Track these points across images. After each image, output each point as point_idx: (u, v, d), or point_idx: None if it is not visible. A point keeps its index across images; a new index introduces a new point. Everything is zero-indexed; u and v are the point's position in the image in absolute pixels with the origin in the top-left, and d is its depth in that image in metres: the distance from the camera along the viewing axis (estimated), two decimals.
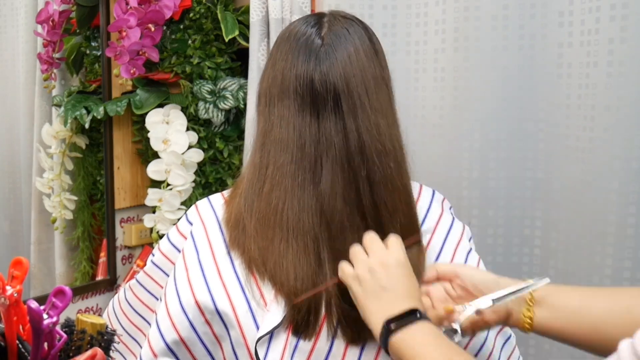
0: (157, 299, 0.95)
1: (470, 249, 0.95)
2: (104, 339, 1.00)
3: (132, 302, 0.99)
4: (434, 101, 1.40)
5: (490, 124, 1.36)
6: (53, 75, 1.59)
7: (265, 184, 0.85)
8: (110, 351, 0.88)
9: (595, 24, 1.20)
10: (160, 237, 1.62)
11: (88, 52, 1.65)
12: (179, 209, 1.59)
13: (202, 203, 0.94)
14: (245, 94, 1.59)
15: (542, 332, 0.80)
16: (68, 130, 1.60)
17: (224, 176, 1.67)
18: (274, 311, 0.82)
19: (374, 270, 0.77)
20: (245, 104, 1.59)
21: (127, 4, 1.50)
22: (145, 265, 1.67)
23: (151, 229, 1.63)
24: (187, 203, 1.63)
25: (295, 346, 0.82)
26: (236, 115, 1.67)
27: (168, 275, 0.92)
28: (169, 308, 0.86)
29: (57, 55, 1.58)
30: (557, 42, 1.27)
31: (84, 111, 1.55)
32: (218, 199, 0.93)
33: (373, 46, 0.88)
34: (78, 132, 1.63)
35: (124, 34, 1.49)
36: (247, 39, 1.59)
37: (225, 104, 1.60)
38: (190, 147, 1.59)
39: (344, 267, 0.79)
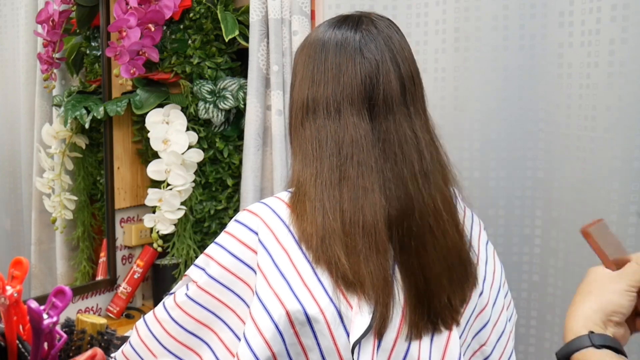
0: (215, 316, 0.86)
1: (487, 240, 0.99)
2: (104, 339, 1.00)
3: (182, 321, 0.87)
4: (434, 101, 1.39)
5: (490, 124, 1.36)
6: (53, 75, 1.59)
7: (345, 190, 0.84)
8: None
9: (596, 24, 1.20)
10: (161, 237, 1.62)
11: (88, 52, 1.65)
12: (179, 209, 1.59)
13: (262, 209, 0.87)
14: (245, 94, 1.59)
15: None
16: (68, 130, 1.60)
17: (224, 176, 1.67)
18: (362, 313, 0.81)
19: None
20: (245, 104, 1.59)
21: (127, 4, 1.49)
22: (144, 266, 1.68)
23: (151, 229, 1.63)
24: (187, 203, 1.63)
25: (379, 346, 0.82)
26: (236, 115, 1.67)
27: (229, 289, 0.85)
28: (258, 324, 0.80)
29: (57, 55, 1.58)
30: (557, 42, 1.27)
31: (84, 111, 1.55)
32: (278, 203, 0.87)
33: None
34: (78, 132, 1.63)
35: (124, 34, 1.49)
36: (247, 39, 1.59)
37: (225, 104, 1.60)
38: (190, 147, 1.59)
39: None
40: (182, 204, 1.60)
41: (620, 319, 0.72)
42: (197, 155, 1.61)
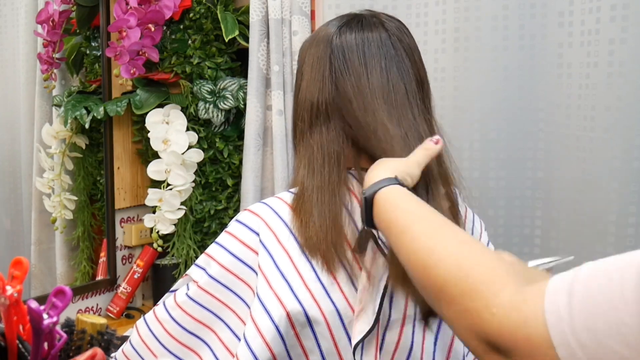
0: (216, 316, 0.86)
1: (488, 240, 1.00)
2: (104, 339, 1.00)
3: (182, 321, 0.86)
4: (434, 101, 1.40)
5: (490, 124, 1.36)
6: (53, 75, 1.59)
7: (352, 197, 0.85)
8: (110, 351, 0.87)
9: (596, 24, 1.20)
10: (161, 237, 1.62)
11: (88, 52, 1.65)
12: (179, 209, 1.59)
13: (263, 209, 0.86)
14: (245, 94, 1.59)
15: None
16: (68, 130, 1.60)
17: (224, 176, 1.67)
18: (365, 314, 0.81)
19: None
20: (245, 104, 1.59)
21: (127, 4, 1.50)
22: (144, 266, 1.68)
23: (151, 229, 1.63)
24: (187, 203, 1.63)
25: (382, 347, 0.82)
26: (236, 115, 1.67)
27: (229, 289, 0.85)
28: (258, 325, 0.80)
29: (57, 55, 1.58)
30: (557, 42, 1.27)
31: (84, 111, 1.55)
32: (280, 204, 0.87)
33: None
34: (78, 132, 1.63)
35: (124, 34, 1.49)
36: (247, 39, 1.59)
37: (225, 104, 1.60)
38: (190, 147, 1.59)
39: None
40: (182, 204, 1.60)
41: (411, 183, 0.78)
42: (197, 155, 1.61)
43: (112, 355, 0.94)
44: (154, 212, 1.60)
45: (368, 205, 0.74)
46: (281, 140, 1.55)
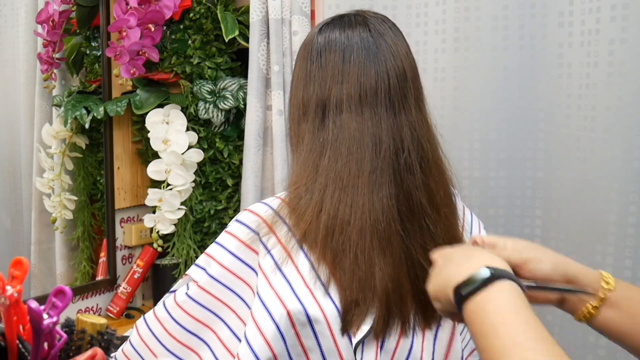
0: (215, 315, 0.86)
1: None
2: (104, 338, 1.00)
3: (182, 320, 0.87)
4: (434, 101, 1.40)
5: (490, 124, 1.36)
6: (53, 75, 1.59)
7: (345, 191, 0.83)
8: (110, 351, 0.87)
9: (596, 24, 1.20)
10: (161, 237, 1.62)
11: (88, 52, 1.65)
12: (179, 209, 1.59)
13: (262, 209, 0.87)
14: (245, 94, 1.59)
15: (597, 327, 0.77)
16: (68, 130, 1.60)
17: (224, 176, 1.67)
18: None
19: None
20: (245, 104, 1.59)
21: (127, 4, 1.50)
22: (144, 266, 1.68)
23: (151, 229, 1.63)
24: (187, 203, 1.63)
25: (382, 346, 0.82)
26: (236, 115, 1.67)
27: (229, 289, 0.85)
28: (259, 324, 0.81)
29: (57, 55, 1.58)
30: (557, 42, 1.27)
31: (84, 111, 1.55)
32: (279, 204, 0.87)
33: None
34: (78, 132, 1.63)
35: (124, 34, 1.49)
36: (247, 39, 1.59)
37: (225, 104, 1.60)
38: (190, 147, 1.59)
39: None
40: (182, 204, 1.60)
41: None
42: (197, 155, 1.61)
43: (112, 355, 0.94)
44: (154, 212, 1.60)
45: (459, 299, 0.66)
46: (281, 140, 1.55)
